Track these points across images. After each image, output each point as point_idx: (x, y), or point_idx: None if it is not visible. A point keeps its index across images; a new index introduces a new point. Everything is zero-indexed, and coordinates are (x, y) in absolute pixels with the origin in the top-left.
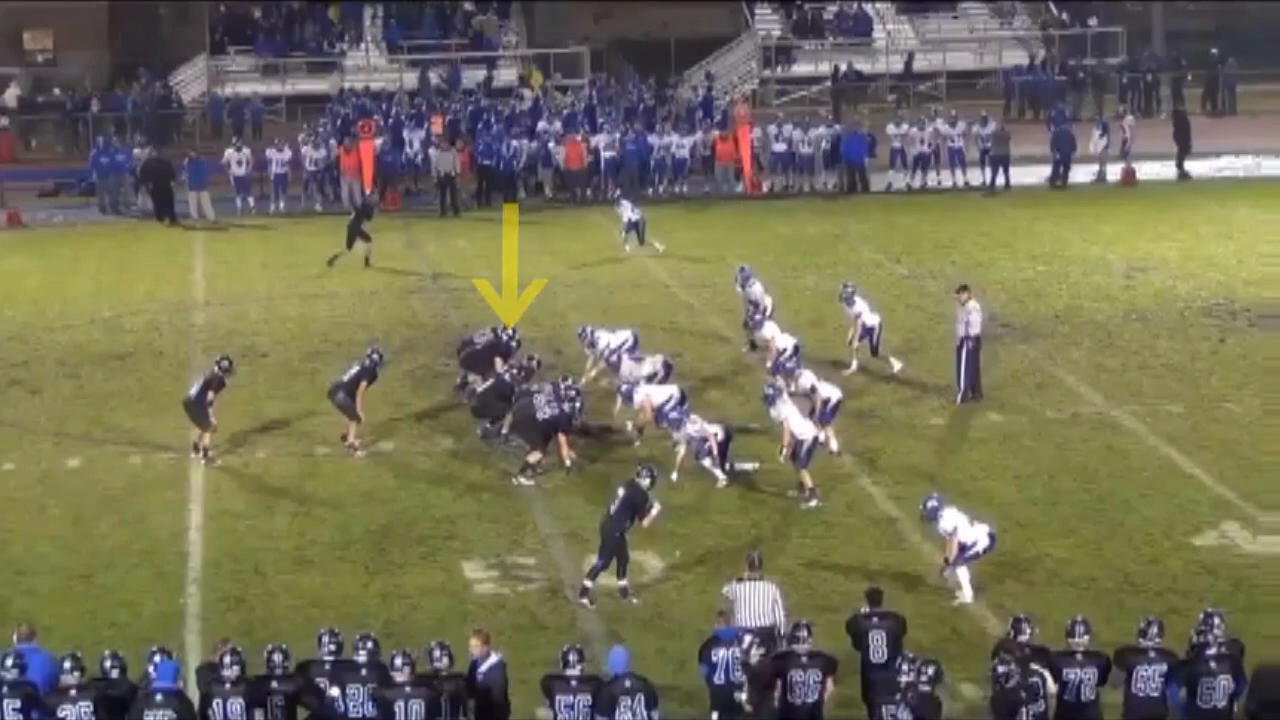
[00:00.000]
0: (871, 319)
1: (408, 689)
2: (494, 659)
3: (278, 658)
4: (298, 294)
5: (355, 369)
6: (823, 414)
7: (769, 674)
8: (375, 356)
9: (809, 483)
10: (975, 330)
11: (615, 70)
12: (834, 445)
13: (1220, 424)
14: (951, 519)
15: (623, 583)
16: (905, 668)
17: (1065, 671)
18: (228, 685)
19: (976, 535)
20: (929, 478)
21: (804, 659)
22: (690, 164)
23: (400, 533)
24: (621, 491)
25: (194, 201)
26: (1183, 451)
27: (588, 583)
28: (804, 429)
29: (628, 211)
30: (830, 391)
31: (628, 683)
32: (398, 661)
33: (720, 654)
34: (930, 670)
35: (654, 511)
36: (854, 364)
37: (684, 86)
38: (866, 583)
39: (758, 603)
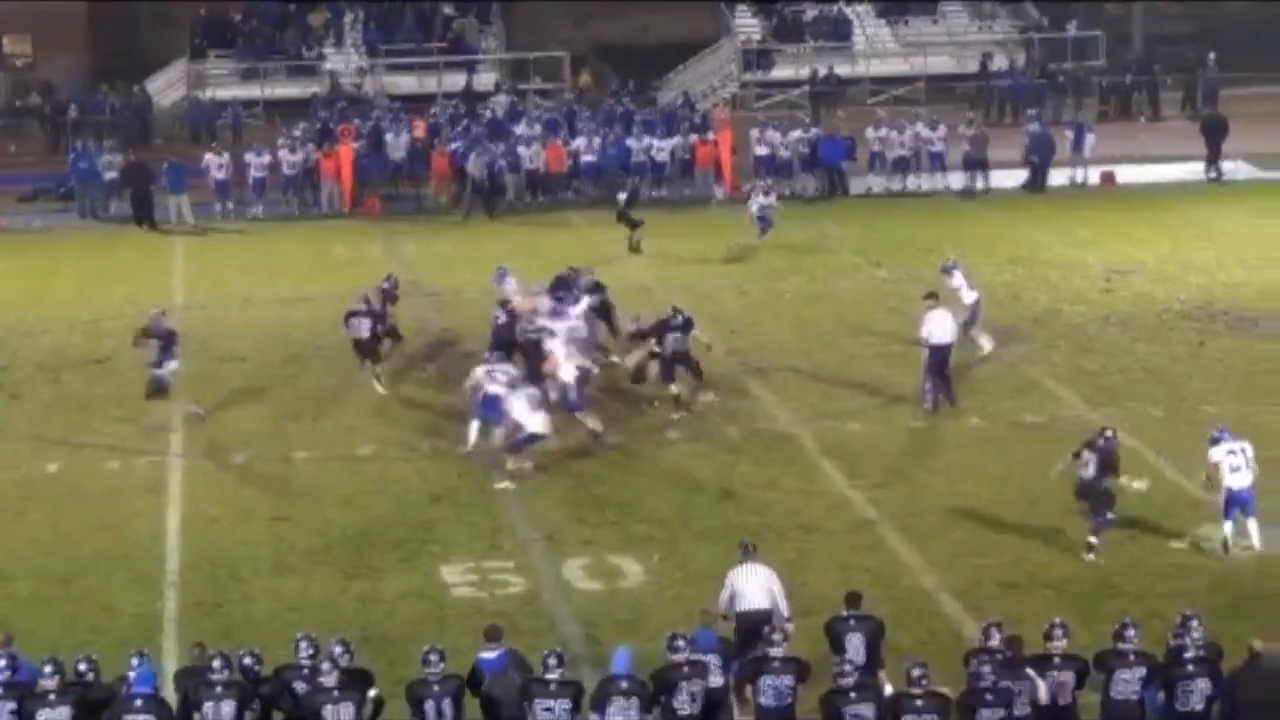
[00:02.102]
0: (970, 296)
1: (335, 693)
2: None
3: (249, 661)
4: (277, 298)
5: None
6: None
7: (746, 677)
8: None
9: (510, 465)
10: (932, 340)
11: (596, 74)
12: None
13: (1199, 427)
14: (1218, 453)
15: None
16: (847, 669)
17: (1044, 674)
18: (219, 688)
19: (1226, 481)
20: (907, 480)
21: (777, 663)
22: (670, 167)
23: (378, 537)
24: (1094, 455)
25: (173, 206)
26: (1162, 454)
27: (1092, 539)
28: (532, 421)
29: (759, 198)
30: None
31: (624, 684)
32: (324, 666)
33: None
34: (919, 670)
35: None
36: (985, 344)
37: (664, 90)
38: (845, 586)
39: (753, 586)
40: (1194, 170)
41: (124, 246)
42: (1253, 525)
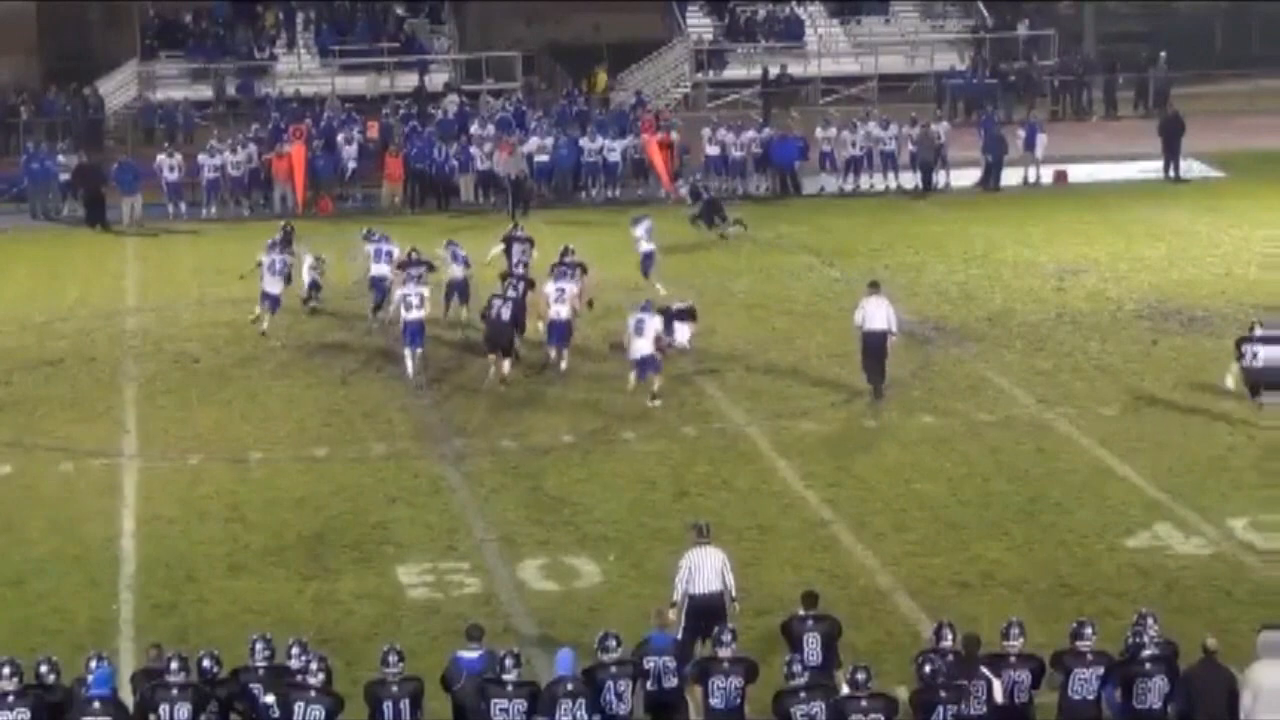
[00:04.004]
0: (646, 247)
1: (312, 693)
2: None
3: (207, 663)
4: (229, 299)
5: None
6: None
7: (695, 679)
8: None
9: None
10: (865, 326)
11: (547, 74)
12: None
13: (1152, 426)
14: None
15: None
16: (796, 669)
17: (999, 674)
18: (175, 690)
19: None
20: (861, 480)
21: (726, 664)
22: (622, 168)
23: (333, 538)
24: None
25: (126, 207)
26: (1115, 453)
27: None
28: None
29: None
30: None
31: (570, 685)
32: (313, 665)
33: (652, 661)
34: (863, 674)
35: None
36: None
37: (616, 90)
38: (800, 585)
39: (709, 569)
40: (1146, 169)
41: (76, 248)
42: None
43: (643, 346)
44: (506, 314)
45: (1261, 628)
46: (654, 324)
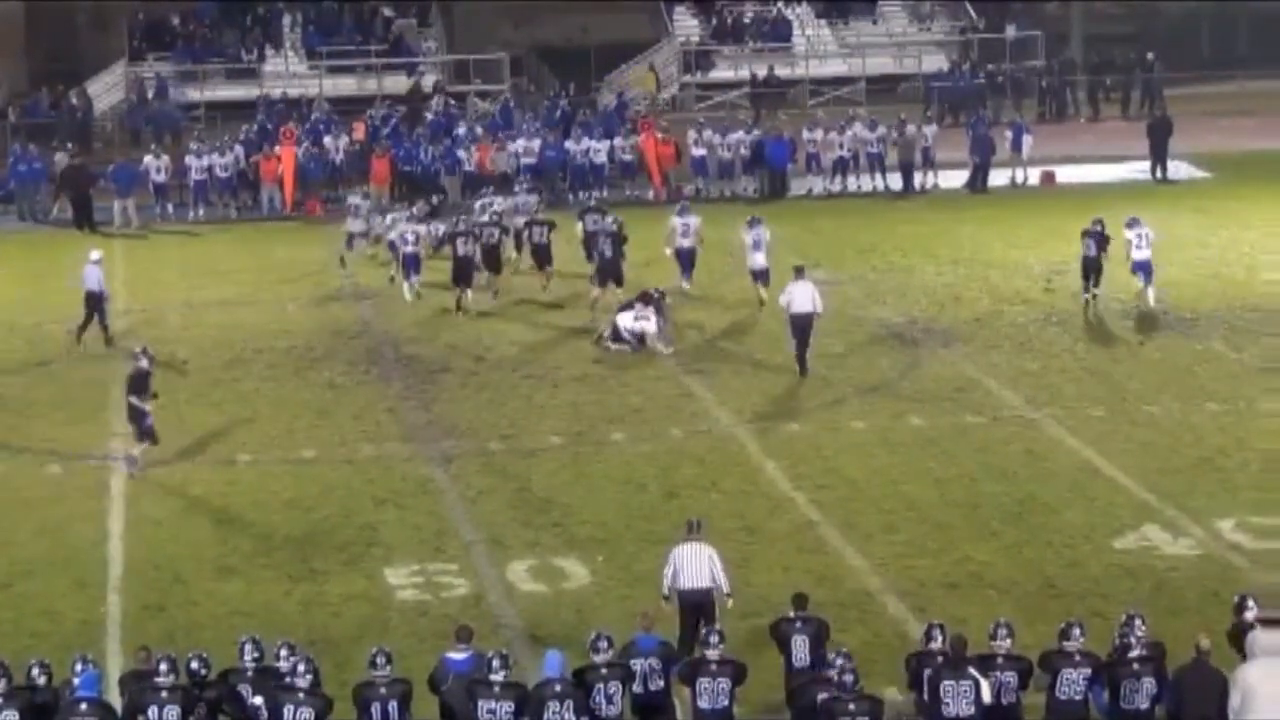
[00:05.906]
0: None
1: (301, 695)
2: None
3: (195, 665)
4: (218, 301)
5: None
6: None
7: (684, 679)
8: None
9: None
10: (791, 309)
11: (535, 76)
12: None
13: (1140, 426)
14: (1129, 234)
15: None
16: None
17: (987, 674)
18: (164, 692)
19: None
20: (850, 481)
21: (714, 665)
22: (609, 169)
23: (322, 540)
24: (1092, 240)
25: (118, 208)
26: (1103, 454)
27: (1096, 292)
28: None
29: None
30: None
31: (558, 687)
32: (300, 668)
33: (638, 663)
34: (850, 676)
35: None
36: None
37: (604, 92)
38: (788, 587)
39: (696, 564)
40: (1134, 170)
41: (64, 249)
42: (1150, 291)
43: (760, 259)
44: (610, 250)
45: (1250, 628)
46: (767, 235)
